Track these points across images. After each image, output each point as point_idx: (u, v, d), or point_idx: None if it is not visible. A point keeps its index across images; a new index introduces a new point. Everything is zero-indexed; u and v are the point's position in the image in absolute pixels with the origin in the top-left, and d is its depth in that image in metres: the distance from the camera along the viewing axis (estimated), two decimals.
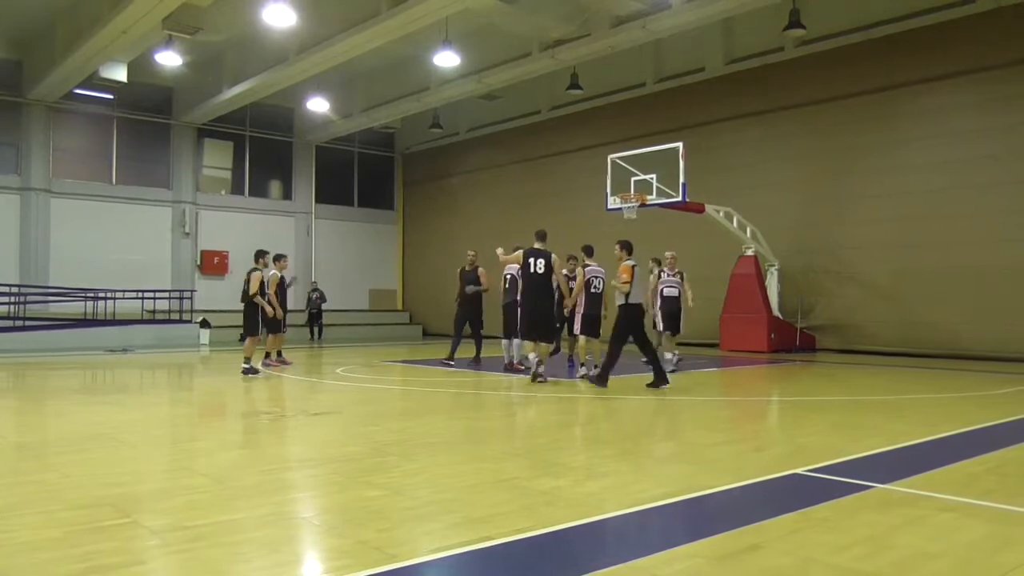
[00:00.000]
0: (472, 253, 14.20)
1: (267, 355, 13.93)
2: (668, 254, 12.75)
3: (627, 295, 9.93)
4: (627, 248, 10.26)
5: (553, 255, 11.06)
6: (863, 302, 17.55)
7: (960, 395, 9.78)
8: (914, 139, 16.96)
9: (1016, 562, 3.34)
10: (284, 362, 13.95)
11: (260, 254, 12.31)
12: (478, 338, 14.12)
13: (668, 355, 12.25)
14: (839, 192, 17.97)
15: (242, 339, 12.57)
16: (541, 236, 11.18)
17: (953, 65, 16.17)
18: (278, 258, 13.86)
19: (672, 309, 12.36)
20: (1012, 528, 3.90)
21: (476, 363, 13.64)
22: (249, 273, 12.10)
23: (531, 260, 10.91)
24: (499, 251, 11.82)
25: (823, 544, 3.60)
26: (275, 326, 13.71)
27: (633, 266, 10.05)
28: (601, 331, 11.52)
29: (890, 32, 16.86)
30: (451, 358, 13.59)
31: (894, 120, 17.26)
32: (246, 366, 11.80)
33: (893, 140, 17.26)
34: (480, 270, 13.87)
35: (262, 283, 11.94)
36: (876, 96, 17.38)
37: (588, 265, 11.70)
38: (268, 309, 12.05)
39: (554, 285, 11.14)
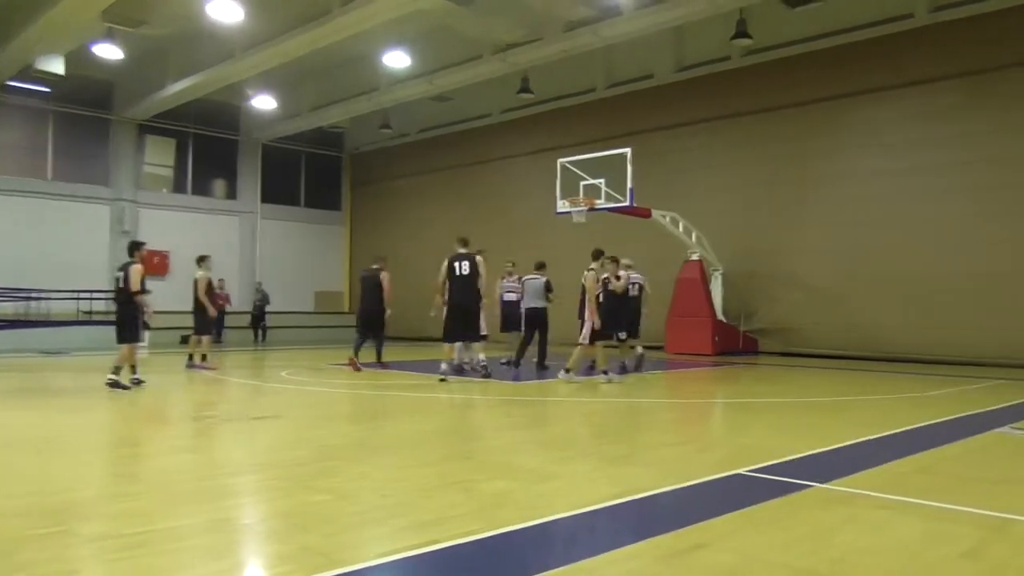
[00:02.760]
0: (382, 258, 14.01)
1: (190, 357, 13.68)
2: (624, 261, 12.81)
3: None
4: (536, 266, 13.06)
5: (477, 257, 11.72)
6: (804, 306, 17.95)
7: (895, 396, 10.07)
8: (855, 148, 17.43)
9: (949, 557, 3.46)
10: (208, 367, 13.55)
11: (136, 246, 10.69)
12: (373, 339, 13.92)
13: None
14: (782, 199, 18.36)
15: (123, 341, 10.36)
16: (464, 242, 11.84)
17: (894, 77, 16.66)
18: (202, 259, 13.76)
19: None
20: (943, 524, 4.03)
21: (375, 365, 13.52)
22: (127, 267, 10.30)
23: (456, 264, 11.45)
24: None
25: (765, 542, 3.67)
26: (206, 328, 13.73)
27: (520, 278, 13.18)
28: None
29: (834, 44, 17.29)
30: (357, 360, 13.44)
31: (836, 129, 17.72)
32: (114, 377, 10.10)
33: (835, 149, 17.71)
34: (384, 274, 13.62)
35: (143, 279, 10.30)
36: (819, 105, 17.81)
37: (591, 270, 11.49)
38: (150, 310, 10.58)
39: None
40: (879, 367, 14.78)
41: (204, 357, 13.73)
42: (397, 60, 18.36)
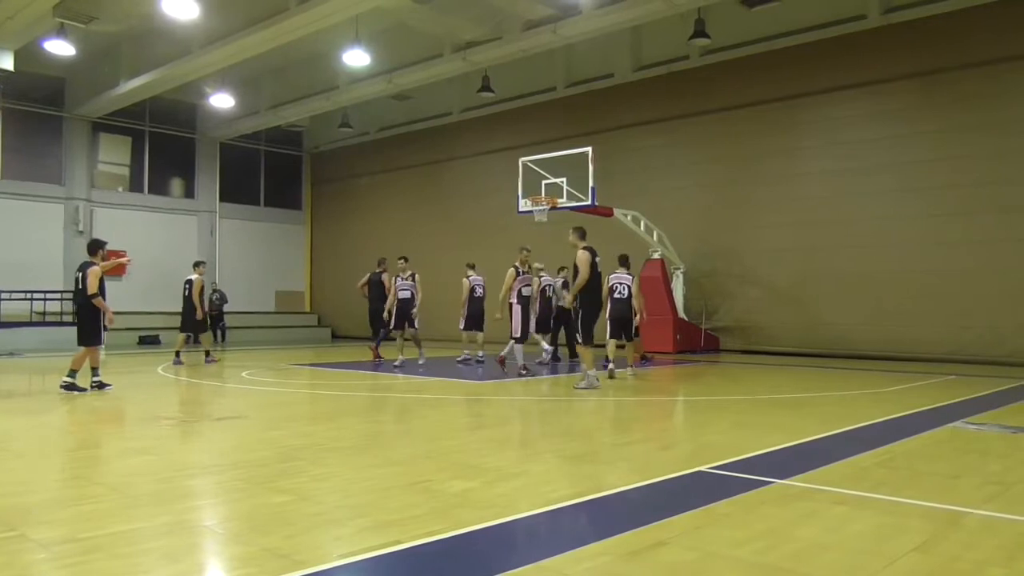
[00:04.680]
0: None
1: (207, 354, 15.09)
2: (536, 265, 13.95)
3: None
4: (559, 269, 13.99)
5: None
6: (764, 304, 18.20)
7: (854, 392, 10.25)
8: (811, 147, 17.73)
9: (903, 550, 3.53)
10: (180, 362, 14.65)
11: (98, 244, 10.32)
12: (381, 338, 15.42)
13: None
14: (741, 197, 18.60)
15: (83, 343, 10.21)
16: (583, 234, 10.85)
17: (849, 77, 16.98)
18: (198, 263, 15.20)
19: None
20: (899, 519, 4.11)
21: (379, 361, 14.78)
22: (85, 269, 9.97)
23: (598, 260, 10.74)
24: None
25: (725, 539, 3.71)
26: (196, 327, 15.15)
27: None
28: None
29: (790, 44, 17.58)
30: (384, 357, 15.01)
31: (793, 129, 17.99)
32: (69, 380, 9.95)
33: (792, 148, 17.99)
34: (385, 275, 15.28)
35: (102, 281, 10.03)
36: (776, 105, 18.07)
37: (615, 272, 12.26)
38: (110, 314, 10.11)
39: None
40: (838, 364, 15.04)
41: (178, 353, 14.93)
42: (356, 58, 18.20)
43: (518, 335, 12.26)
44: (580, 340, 10.63)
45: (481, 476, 5.07)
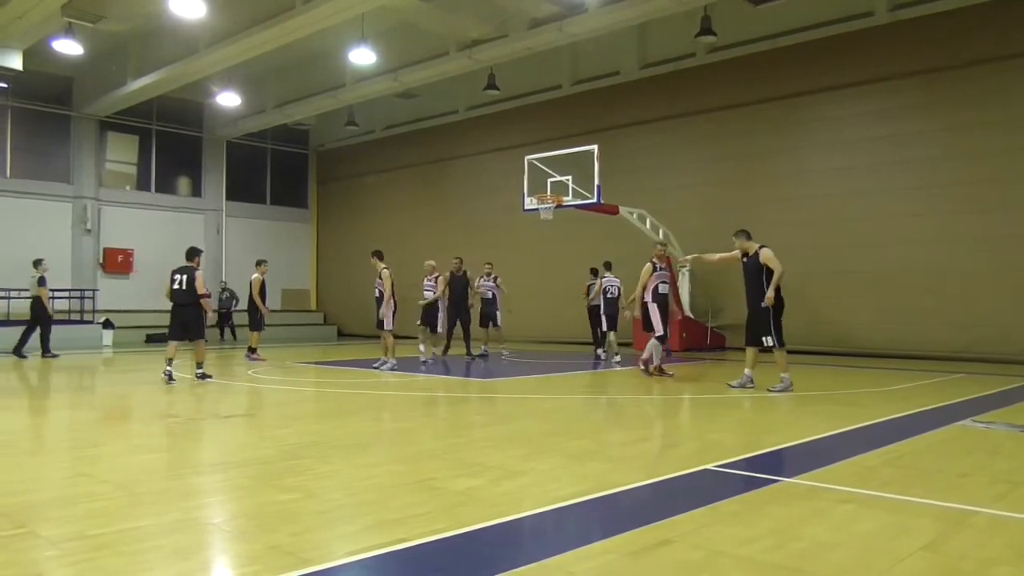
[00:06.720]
0: (457, 259, 15.95)
1: (250, 350, 15.85)
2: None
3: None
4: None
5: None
6: None
7: (860, 391, 10.22)
8: (816, 145, 17.67)
9: (910, 550, 3.52)
10: (260, 359, 15.43)
11: (196, 251, 11.38)
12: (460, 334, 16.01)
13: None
14: (747, 195, 18.53)
15: (187, 339, 11.26)
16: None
17: (854, 75, 16.90)
18: (260, 262, 16.20)
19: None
20: (907, 518, 4.10)
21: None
22: (190, 272, 11.03)
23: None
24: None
25: (731, 537, 3.70)
26: (258, 324, 15.98)
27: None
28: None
29: (796, 41, 17.51)
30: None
31: (798, 127, 17.93)
32: (201, 371, 11.26)
33: (797, 146, 17.94)
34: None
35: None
36: (781, 103, 18.01)
37: (605, 276, 14.95)
38: (211, 311, 11.35)
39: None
40: (844, 362, 15.00)
41: (254, 350, 15.74)
42: (362, 57, 18.20)
43: (661, 333, 11.95)
44: (775, 343, 10.09)
45: (486, 474, 5.07)
